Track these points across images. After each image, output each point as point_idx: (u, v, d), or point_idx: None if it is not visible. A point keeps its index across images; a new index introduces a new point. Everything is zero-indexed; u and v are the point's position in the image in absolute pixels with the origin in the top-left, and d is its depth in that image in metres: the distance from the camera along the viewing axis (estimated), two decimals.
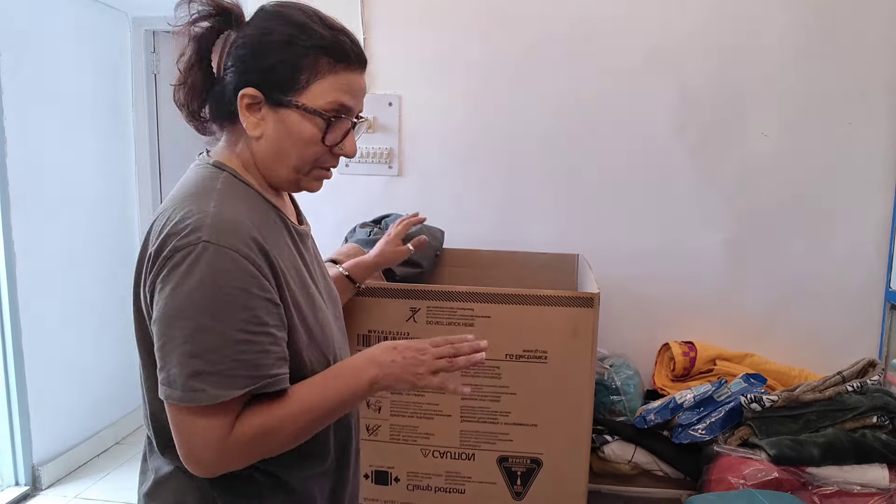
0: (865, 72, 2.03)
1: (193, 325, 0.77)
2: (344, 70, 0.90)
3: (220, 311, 0.78)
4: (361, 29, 2.18)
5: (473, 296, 1.40)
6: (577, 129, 2.17)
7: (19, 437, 2.56)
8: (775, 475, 1.51)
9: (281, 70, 0.87)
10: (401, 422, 1.46)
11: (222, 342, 0.78)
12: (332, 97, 0.89)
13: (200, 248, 0.78)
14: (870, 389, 1.68)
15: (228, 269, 0.79)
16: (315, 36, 0.88)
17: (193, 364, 0.77)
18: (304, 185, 0.95)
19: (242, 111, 0.88)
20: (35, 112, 2.58)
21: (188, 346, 0.77)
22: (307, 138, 0.89)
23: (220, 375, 0.78)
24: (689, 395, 1.75)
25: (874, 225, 2.08)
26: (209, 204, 0.83)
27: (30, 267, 2.55)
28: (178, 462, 0.85)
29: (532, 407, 1.43)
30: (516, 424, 1.43)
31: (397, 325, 1.42)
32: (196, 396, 0.77)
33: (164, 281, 0.79)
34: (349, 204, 2.25)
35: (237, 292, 0.79)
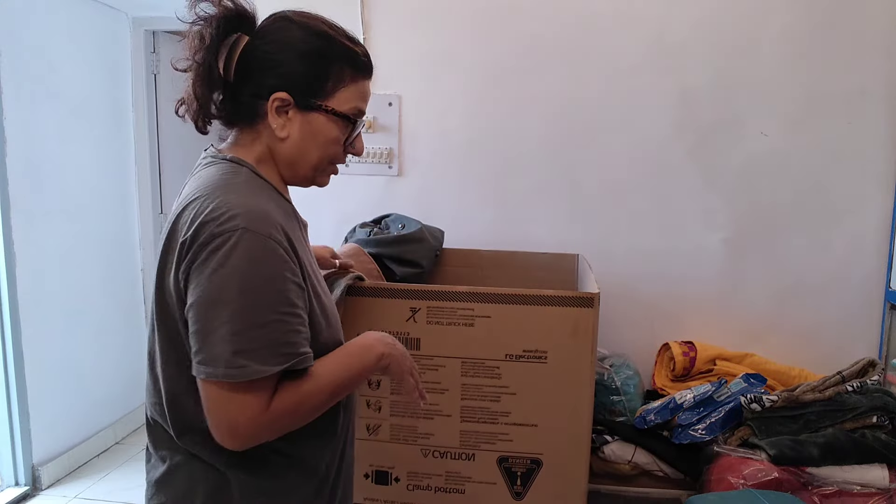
0: (865, 72, 2.03)
1: (235, 305, 0.83)
2: (362, 79, 1.01)
3: (260, 293, 0.84)
4: (361, 29, 2.18)
5: (474, 296, 1.39)
6: (577, 129, 2.17)
7: (19, 437, 2.56)
8: (775, 475, 1.50)
9: (312, 77, 0.96)
10: (401, 422, 1.46)
11: (262, 321, 0.84)
12: (353, 103, 1.00)
13: (239, 234, 0.83)
14: (870, 389, 1.68)
15: (265, 254, 0.85)
16: (341, 48, 0.98)
17: (236, 342, 0.82)
18: (318, 181, 1.07)
19: (272, 113, 0.96)
20: (35, 112, 2.58)
21: (231, 325, 0.82)
22: (332, 139, 1.00)
23: (260, 352, 0.83)
24: (689, 396, 1.75)
25: (874, 225, 2.08)
26: (239, 195, 0.89)
27: (29, 267, 2.55)
28: (195, 448, 0.92)
29: (532, 407, 1.42)
30: (516, 425, 1.43)
31: (397, 325, 1.41)
32: (240, 372, 0.82)
33: (203, 265, 0.83)
34: (349, 204, 2.25)
35: (274, 275, 0.86)
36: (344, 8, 2.18)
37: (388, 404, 1.46)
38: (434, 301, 1.40)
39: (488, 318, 1.39)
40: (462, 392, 1.43)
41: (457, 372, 1.42)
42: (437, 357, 1.42)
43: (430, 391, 1.41)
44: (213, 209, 0.85)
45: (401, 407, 1.46)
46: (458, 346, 1.41)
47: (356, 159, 2.24)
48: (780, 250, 2.12)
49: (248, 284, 0.83)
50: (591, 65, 2.13)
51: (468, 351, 1.41)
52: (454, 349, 1.41)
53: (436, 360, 1.42)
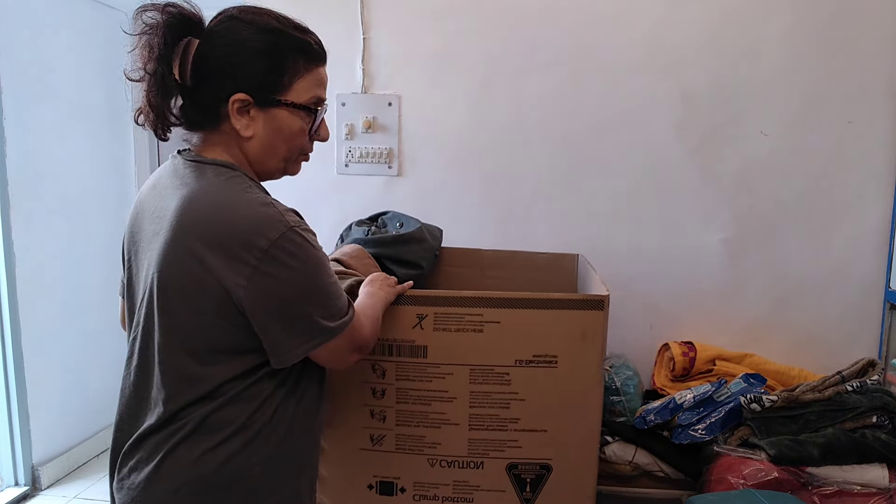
0: (865, 72, 2.03)
1: (318, 286, 0.97)
2: (316, 67, 1.03)
3: (325, 269, 0.98)
4: (361, 29, 2.18)
5: (482, 301, 1.35)
6: (577, 129, 2.17)
7: (19, 437, 2.56)
8: (775, 475, 1.50)
9: (267, 74, 0.97)
10: (407, 431, 1.41)
11: (333, 288, 0.99)
12: (312, 93, 1.02)
13: (291, 233, 0.92)
14: (869, 389, 1.68)
15: (311, 239, 0.96)
16: (292, 40, 0.99)
17: (329, 311, 0.98)
18: (289, 171, 1.10)
19: (234, 115, 0.97)
20: (34, 112, 2.57)
21: (322, 300, 0.97)
22: (296, 131, 1.03)
23: (341, 308, 1.01)
24: (688, 396, 1.75)
25: (874, 224, 2.08)
26: (261, 197, 0.95)
27: (29, 267, 2.55)
28: (234, 430, 0.96)
29: (541, 412, 1.39)
30: (525, 431, 1.40)
31: (403, 333, 1.36)
32: (340, 328, 0.99)
33: (276, 268, 0.91)
34: (349, 204, 2.25)
35: (322, 252, 0.99)
36: (344, 8, 2.18)
37: (393, 414, 1.41)
38: (441, 307, 1.35)
39: (497, 323, 1.35)
40: (471, 400, 1.39)
41: (465, 379, 1.38)
42: (445, 365, 1.37)
43: (438, 400, 1.38)
44: (253, 216, 0.92)
45: (407, 415, 1.41)
46: (467, 353, 1.37)
47: (356, 159, 2.24)
48: (780, 250, 2.12)
49: (317, 268, 0.96)
50: (592, 65, 2.13)
51: (477, 358, 1.37)
52: (462, 356, 1.37)
53: (443, 369, 1.37)
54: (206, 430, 0.94)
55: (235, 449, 0.95)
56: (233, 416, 0.95)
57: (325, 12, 2.18)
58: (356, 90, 2.21)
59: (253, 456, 0.97)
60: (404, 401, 1.39)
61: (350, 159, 2.25)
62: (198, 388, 0.94)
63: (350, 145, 2.24)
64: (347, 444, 1.41)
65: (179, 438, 0.94)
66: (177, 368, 0.94)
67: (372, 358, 1.37)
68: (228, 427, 0.95)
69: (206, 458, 0.94)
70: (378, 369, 1.38)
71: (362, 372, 1.37)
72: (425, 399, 1.38)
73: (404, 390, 1.38)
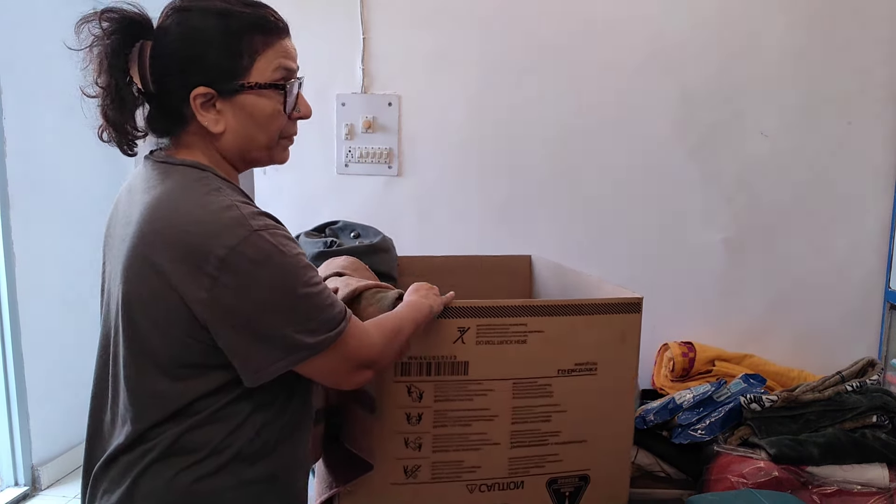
0: (865, 72, 2.03)
1: (290, 298, 0.86)
2: (277, 40, 0.94)
3: (301, 277, 0.87)
4: (361, 29, 2.18)
5: (527, 309, 1.26)
6: (577, 129, 2.17)
7: (19, 437, 2.56)
8: (775, 474, 1.50)
9: (224, 61, 0.90)
10: (444, 458, 1.29)
11: (315, 299, 0.89)
12: (276, 65, 0.93)
13: (255, 237, 0.84)
14: (869, 389, 1.68)
15: (283, 244, 0.86)
16: (243, 17, 0.91)
17: (307, 326, 0.88)
18: (276, 159, 1.01)
19: (199, 112, 0.91)
20: (34, 112, 2.58)
21: (295, 315, 0.87)
22: (270, 113, 0.94)
23: (326, 322, 0.90)
24: (688, 396, 1.75)
25: (874, 225, 2.08)
26: (226, 199, 0.87)
27: (29, 267, 2.55)
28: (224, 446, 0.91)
29: (581, 422, 1.33)
30: (566, 443, 1.33)
31: (443, 349, 1.24)
32: (322, 346, 0.89)
33: (237, 278, 0.83)
34: (348, 204, 2.25)
35: (298, 258, 0.88)
36: (344, 8, 2.18)
37: (429, 440, 1.28)
38: (484, 318, 1.25)
39: (541, 332, 1.27)
40: (512, 416, 1.29)
41: (508, 395, 1.28)
42: (487, 381, 1.27)
43: (479, 419, 1.29)
44: (213, 220, 0.84)
45: (445, 440, 1.29)
46: (510, 367, 1.27)
47: (356, 159, 2.24)
48: (780, 250, 2.12)
49: (287, 276, 0.86)
50: (592, 65, 2.14)
51: (520, 370, 1.28)
52: (505, 370, 1.27)
53: (485, 385, 1.27)
54: (178, 451, 0.88)
55: (208, 471, 0.89)
56: (206, 437, 0.89)
57: (325, 12, 2.19)
58: (356, 90, 2.21)
59: (228, 481, 0.90)
60: (442, 424, 1.27)
61: (350, 159, 2.25)
62: (166, 407, 0.88)
63: (350, 145, 2.24)
64: (376, 480, 1.26)
65: (150, 460, 0.88)
66: (143, 385, 0.88)
67: (408, 379, 1.24)
68: (202, 449, 0.89)
69: (178, 480, 0.88)
70: (414, 392, 1.25)
71: (396, 396, 1.24)
72: (465, 420, 1.27)
73: (443, 412, 1.26)
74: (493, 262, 1.91)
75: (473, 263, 1.90)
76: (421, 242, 2.20)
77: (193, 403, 0.89)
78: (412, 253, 1.87)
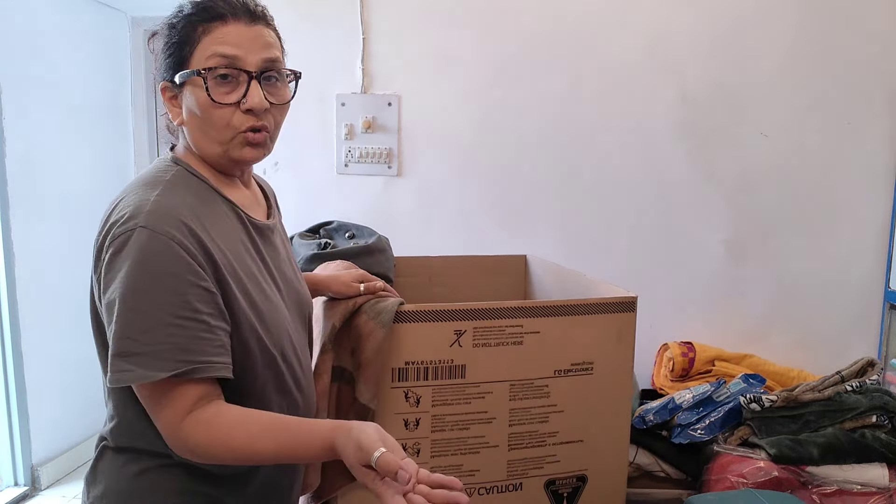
0: (865, 72, 2.03)
1: (126, 307, 0.79)
2: (220, 26, 0.88)
3: (151, 294, 0.80)
4: (361, 29, 2.18)
5: (523, 310, 1.26)
6: (577, 129, 2.17)
7: (18, 437, 2.56)
8: (775, 474, 1.50)
9: (169, 53, 0.91)
10: (443, 462, 1.28)
11: (152, 324, 0.79)
12: (209, 52, 0.88)
13: (136, 234, 0.80)
14: (869, 389, 1.68)
15: (160, 253, 0.80)
16: (187, 9, 0.90)
17: (123, 344, 0.79)
18: (234, 156, 0.92)
19: (167, 105, 0.94)
20: (34, 112, 2.58)
21: (119, 326, 0.79)
22: (202, 103, 0.88)
23: (147, 356, 0.79)
24: (687, 396, 1.75)
25: (873, 225, 2.08)
26: (152, 193, 0.85)
27: (29, 267, 2.55)
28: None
29: (579, 422, 1.34)
30: (563, 443, 1.34)
31: (440, 353, 1.23)
32: (123, 376, 0.79)
33: (107, 268, 0.82)
34: (348, 204, 2.25)
35: (168, 277, 0.80)
36: (343, 8, 2.18)
37: (428, 445, 1.28)
38: (481, 320, 1.24)
39: (538, 333, 1.27)
40: (510, 417, 1.29)
41: (505, 397, 1.28)
42: (485, 383, 1.27)
43: (477, 422, 1.28)
44: (121, 209, 0.84)
45: (443, 444, 1.28)
46: (507, 368, 1.27)
47: (355, 159, 2.24)
48: (780, 251, 2.12)
49: (136, 285, 0.79)
50: (592, 65, 2.14)
51: (517, 372, 1.28)
52: (502, 372, 1.27)
53: (482, 388, 1.27)
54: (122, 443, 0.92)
55: (150, 466, 0.90)
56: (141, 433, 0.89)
57: (325, 12, 2.19)
58: (356, 90, 2.21)
59: (166, 483, 0.90)
60: (440, 428, 1.26)
61: (350, 159, 2.25)
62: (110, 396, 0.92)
63: (350, 145, 2.24)
64: None
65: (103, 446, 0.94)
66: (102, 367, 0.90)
67: (405, 385, 1.23)
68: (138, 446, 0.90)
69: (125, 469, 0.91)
70: (412, 397, 1.24)
71: (394, 402, 1.23)
72: (463, 423, 1.27)
73: (440, 417, 1.26)
74: (490, 262, 1.91)
75: (470, 264, 1.89)
76: (420, 242, 2.20)
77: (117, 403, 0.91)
78: (411, 253, 1.86)
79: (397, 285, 1.75)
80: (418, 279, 1.83)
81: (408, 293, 1.75)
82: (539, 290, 1.85)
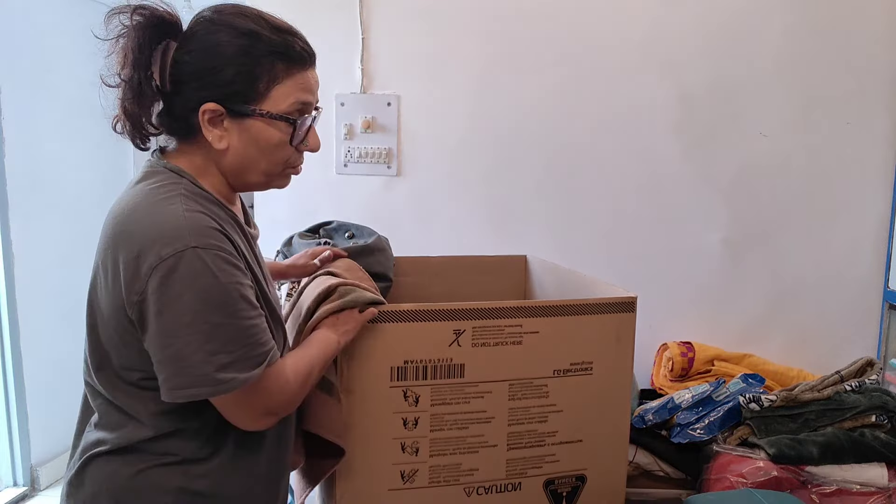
0: (865, 72, 2.03)
1: (206, 326, 0.83)
2: (300, 70, 0.94)
3: (227, 306, 0.85)
4: (360, 29, 2.18)
5: (522, 310, 1.26)
6: (576, 129, 2.17)
7: (17, 437, 2.56)
8: (774, 474, 1.50)
9: (239, 82, 0.89)
10: (441, 461, 1.28)
11: (236, 332, 0.86)
12: (293, 98, 0.93)
13: (189, 253, 0.82)
14: (868, 389, 1.68)
15: (219, 268, 0.84)
16: (267, 42, 0.90)
17: (219, 359, 0.84)
18: (274, 186, 1.01)
19: (205, 126, 0.91)
20: (33, 112, 2.58)
21: (208, 345, 0.83)
22: (275, 144, 0.93)
23: (242, 361, 0.86)
24: (686, 395, 1.75)
25: (872, 225, 2.08)
26: (180, 209, 0.86)
27: (28, 267, 2.55)
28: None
29: (578, 422, 1.33)
30: (563, 443, 1.34)
31: (439, 352, 1.23)
32: (229, 386, 0.85)
33: (161, 291, 0.82)
34: (347, 204, 2.25)
35: (233, 286, 0.86)
36: (343, 7, 2.18)
37: (426, 444, 1.27)
38: (480, 320, 1.24)
39: (536, 333, 1.28)
40: (509, 417, 1.29)
41: (504, 396, 1.28)
42: (483, 383, 1.27)
43: (476, 422, 1.28)
44: (156, 226, 0.84)
45: (442, 444, 1.28)
46: (506, 368, 1.27)
47: (355, 159, 2.24)
48: (779, 250, 2.12)
49: (215, 301, 0.84)
50: (591, 65, 2.14)
51: (516, 371, 1.28)
52: (502, 371, 1.27)
53: (481, 387, 1.27)
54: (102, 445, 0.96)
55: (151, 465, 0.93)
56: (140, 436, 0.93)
57: (324, 12, 2.19)
58: (355, 90, 2.22)
59: (165, 480, 0.92)
60: (439, 427, 1.26)
61: (349, 159, 2.25)
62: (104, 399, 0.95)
63: (349, 145, 2.24)
64: (374, 487, 1.24)
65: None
66: (99, 376, 0.95)
67: (404, 384, 1.23)
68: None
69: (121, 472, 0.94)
70: (411, 396, 1.24)
71: (392, 401, 1.23)
72: (462, 423, 1.27)
73: (439, 416, 1.25)
74: (489, 262, 1.91)
75: (469, 264, 1.89)
76: (420, 242, 2.20)
77: (118, 400, 0.93)
78: (411, 253, 1.86)
79: (397, 285, 1.75)
80: (417, 279, 1.83)
81: (407, 293, 1.79)
82: (539, 290, 1.85)
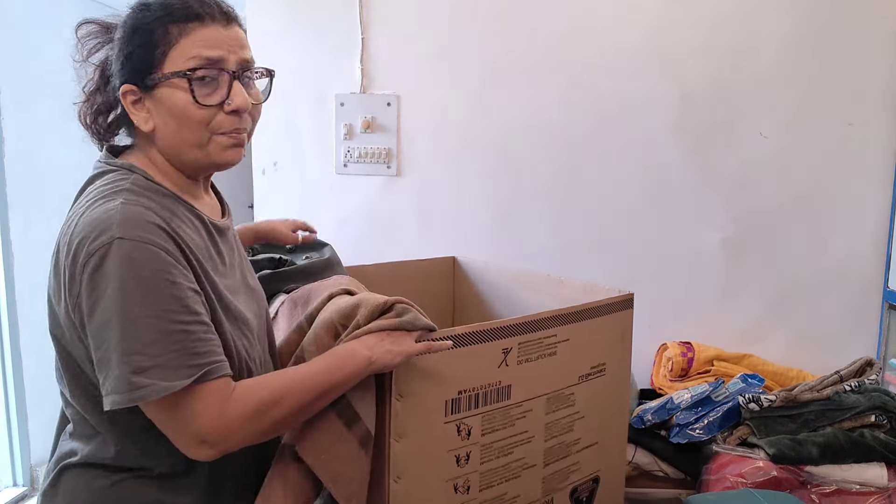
0: (865, 72, 2.03)
1: (125, 322, 0.76)
2: (199, 28, 0.87)
3: (149, 304, 0.77)
4: (360, 29, 2.18)
5: (556, 319, 1.21)
6: (575, 129, 2.17)
7: (17, 437, 2.56)
8: (774, 474, 1.51)
9: (139, 54, 0.87)
10: (489, 495, 1.18)
11: (158, 334, 0.77)
12: (192, 55, 0.86)
13: (115, 246, 0.77)
14: (868, 389, 1.68)
15: (146, 261, 0.78)
16: (157, 8, 0.87)
17: (133, 360, 0.76)
18: (215, 159, 0.91)
19: (130, 110, 0.89)
20: (33, 111, 2.58)
21: (125, 344, 0.76)
22: (183, 105, 0.87)
23: (162, 368, 0.77)
24: (686, 395, 1.75)
25: (873, 225, 2.08)
26: (115, 202, 0.82)
27: (27, 267, 2.55)
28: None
29: (596, 425, 1.31)
30: (584, 449, 1.31)
31: (489, 375, 1.13)
32: (144, 393, 0.76)
33: (89, 288, 0.78)
34: (347, 204, 2.25)
35: (161, 283, 0.78)
36: (342, 7, 2.18)
37: (477, 479, 1.16)
38: (524, 335, 1.16)
39: (567, 341, 1.23)
40: (546, 433, 1.23)
41: (542, 412, 1.22)
42: (527, 401, 1.19)
43: (519, 444, 1.20)
44: (88, 223, 0.80)
45: (490, 476, 1.17)
46: (544, 382, 1.21)
47: (355, 159, 2.24)
48: (779, 250, 2.12)
49: (132, 297, 0.76)
50: (590, 65, 2.13)
51: (551, 384, 1.23)
52: (540, 386, 1.21)
53: (524, 406, 1.19)
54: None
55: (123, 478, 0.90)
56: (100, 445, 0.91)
57: (324, 12, 2.18)
58: (355, 90, 2.21)
59: (140, 494, 0.90)
60: (488, 458, 1.16)
61: (349, 159, 2.25)
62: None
63: (349, 145, 2.24)
64: None
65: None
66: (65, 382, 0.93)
67: (458, 418, 1.10)
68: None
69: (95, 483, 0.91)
70: (463, 430, 1.11)
71: (447, 439, 1.09)
72: (508, 448, 1.18)
73: (488, 446, 1.15)
74: (420, 266, 1.85)
75: (402, 269, 1.82)
76: (420, 242, 2.20)
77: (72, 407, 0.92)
78: (411, 254, 1.86)
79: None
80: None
81: None
82: (468, 291, 1.84)
